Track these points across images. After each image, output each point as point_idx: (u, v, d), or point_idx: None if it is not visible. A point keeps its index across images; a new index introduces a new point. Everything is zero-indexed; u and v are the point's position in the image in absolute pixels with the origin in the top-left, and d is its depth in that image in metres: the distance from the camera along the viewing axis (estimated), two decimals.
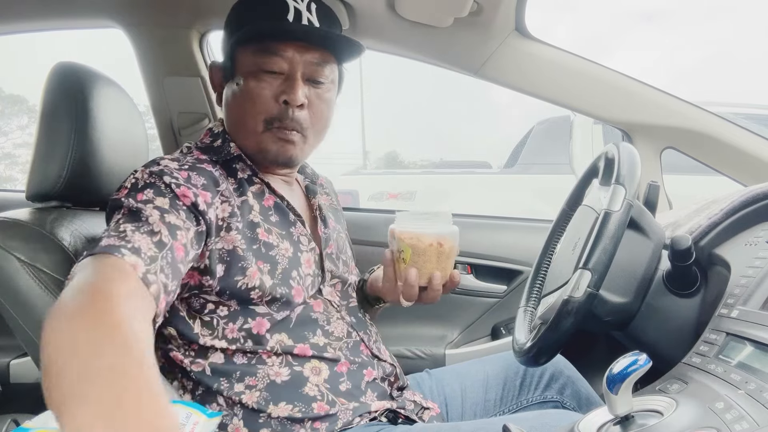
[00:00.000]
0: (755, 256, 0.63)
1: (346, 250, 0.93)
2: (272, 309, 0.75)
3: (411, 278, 0.76)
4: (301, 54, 0.77)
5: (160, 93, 1.32)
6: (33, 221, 0.75)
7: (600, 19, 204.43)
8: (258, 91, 0.77)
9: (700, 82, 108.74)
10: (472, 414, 0.89)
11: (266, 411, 0.72)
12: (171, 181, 0.69)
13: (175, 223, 0.65)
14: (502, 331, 1.36)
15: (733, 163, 1.21)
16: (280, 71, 0.77)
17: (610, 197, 0.65)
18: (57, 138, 0.80)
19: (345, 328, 0.81)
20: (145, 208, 0.65)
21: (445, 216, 0.79)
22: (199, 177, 0.72)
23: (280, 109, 0.77)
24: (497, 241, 1.40)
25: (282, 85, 0.77)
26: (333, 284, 0.85)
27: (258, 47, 0.77)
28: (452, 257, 0.79)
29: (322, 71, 0.80)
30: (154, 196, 0.67)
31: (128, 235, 0.60)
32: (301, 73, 0.78)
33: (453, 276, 0.80)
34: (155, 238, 0.62)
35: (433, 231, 0.77)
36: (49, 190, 0.80)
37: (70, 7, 1.22)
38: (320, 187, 0.99)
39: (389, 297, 0.87)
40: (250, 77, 0.78)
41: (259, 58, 0.77)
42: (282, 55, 0.77)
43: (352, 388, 0.77)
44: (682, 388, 0.53)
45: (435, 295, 0.79)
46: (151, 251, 0.60)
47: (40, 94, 0.82)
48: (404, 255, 0.78)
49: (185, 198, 0.68)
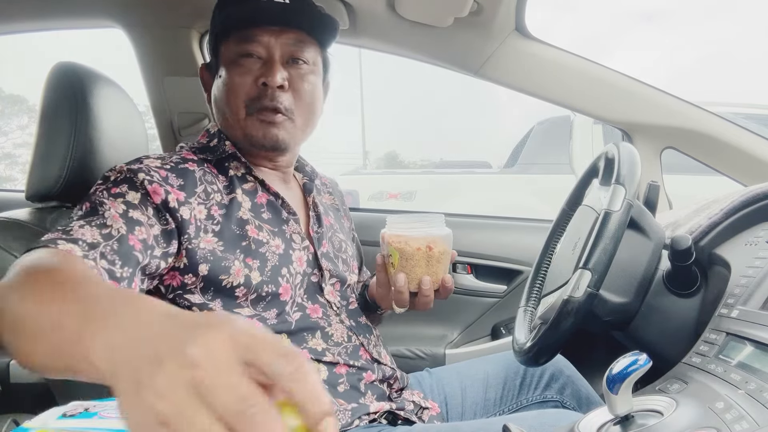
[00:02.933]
0: (755, 256, 0.63)
1: (346, 250, 0.92)
2: (258, 309, 0.74)
3: (399, 283, 0.75)
4: (276, 37, 0.78)
5: (160, 93, 1.32)
6: (33, 221, 0.75)
7: (599, 19, 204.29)
8: (238, 78, 0.78)
9: (699, 81, 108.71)
10: (472, 413, 0.89)
11: None
12: (145, 178, 0.69)
13: (138, 219, 0.66)
14: (502, 330, 1.36)
15: (733, 163, 1.21)
16: (258, 56, 0.78)
17: (610, 197, 0.65)
18: (57, 138, 0.80)
19: (344, 333, 0.81)
20: (110, 203, 0.66)
21: (437, 218, 0.77)
22: (177, 178, 0.73)
23: (259, 91, 0.78)
24: (497, 241, 1.40)
25: (261, 69, 0.78)
26: (332, 283, 0.84)
27: (235, 36, 0.79)
28: (444, 262, 0.77)
29: (300, 52, 0.80)
30: (127, 190, 0.68)
31: (73, 230, 0.61)
32: (279, 55, 0.79)
33: (445, 281, 0.77)
34: (104, 231, 0.62)
35: (422, 234, 0.74)
36: (49, 190, 0.80)
37: (70, 7, 1.22)
38: (323, 187, 0.99)
39: (383, 303, 0.87)
40: (230, 66, 0.79)
41: (237, 46, 0.78)
42: (258, 40, 0.78)
43: (350, 389, 0.76)
44: (682, 388, 0.53)
45: (427, 300, 0.77)
46: (94, 239, 0.60)
47: (40, 94, 0.82)
48: (392, 259, 0.76)
49: (155, 195, 0.69)
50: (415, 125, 38.56)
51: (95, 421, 0.48)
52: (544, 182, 3.30)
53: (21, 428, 0.47)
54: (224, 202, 0.76)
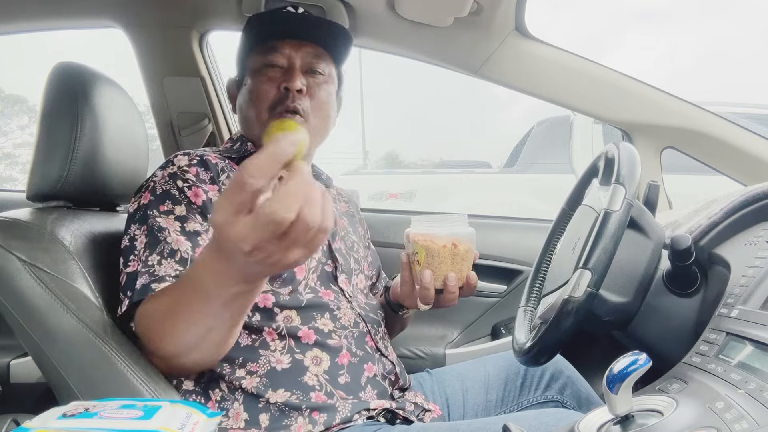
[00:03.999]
0: (755, 255, 0.63)
1: (357, 251, 0.95)
2: (275, 286, 0.78)
3: (426, 280, 0.77)
4: (296, 50, 0.87)
5: (160, 93, 1.32)
6: (34, 221, 0.75)
7: (599, 19, 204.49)
8: (262, 85, 0.86)
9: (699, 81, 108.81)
10: (474, 415, 0.89)
11: (265, 396, 0.73)
12: (183, 185, 0.77)
13: (195, 229, 0.75)
14: (502, 330, 1.36)
15: (733, 163, 1.21)
16: (281, 65, 0.87)
17: (610, 197, 0.65)
18: (57, 138, 0.80)
19: (353, 318, 0.83)
20: (166, 223, 0.74)
21: (460, 218, 0.79)
22: (205, 171, 0.80)
23: (281, 95, 0.85)
24: (497, 241, 1.40)
25: (282, 76, 0.86)
26: (344, 278, 0.87)
27: (260, 48, 0.88)
28: (468, 259, 0.79)
29: (318, 64, 0.89)
30: (172, 205, 0.76)
31: (154, 267, 0.71)
32: (299, 65, 0.87)
33: (469, 278, 0.80)
34: (177, 258, 0.72)
35: (447, 232, 0.77)
36: (50, 190, 0.80)
37: (70, 7, 1.23)
38: (339, 196, 1.04)
39: (407, 302, 0.90)
40: (255, 75, 0.88)
41: (262, 56, 0.87)
42: (281, 52, 0.87)
43: (351, 382, 0.77)
44: (682, 387, 0.53)
45: (452, 297, 0.80)
46: (175, 271, 0.71)
47: (40, 94, 0.82)
48: (418, 257, 0.78)
49: (197, 198, 0.77)
50: (415, 125, 38.56)
51: (95, 421, 0.48)
52: (544, 182, 3.30)
53: (21, 428, 0.47)
54: None
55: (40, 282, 0.70)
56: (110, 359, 0.67)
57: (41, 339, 0.69)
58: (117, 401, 0.53)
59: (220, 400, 0.74)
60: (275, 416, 0.72)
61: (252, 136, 0.90)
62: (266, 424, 0.72)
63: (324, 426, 0.73)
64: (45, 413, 0.50)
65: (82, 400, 0.60)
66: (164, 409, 0.52)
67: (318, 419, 0.73)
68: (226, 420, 0.73)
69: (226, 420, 0.73)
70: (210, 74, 1.35)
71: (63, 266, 0.72)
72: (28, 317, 0.70)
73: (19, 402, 1.25)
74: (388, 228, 1.38)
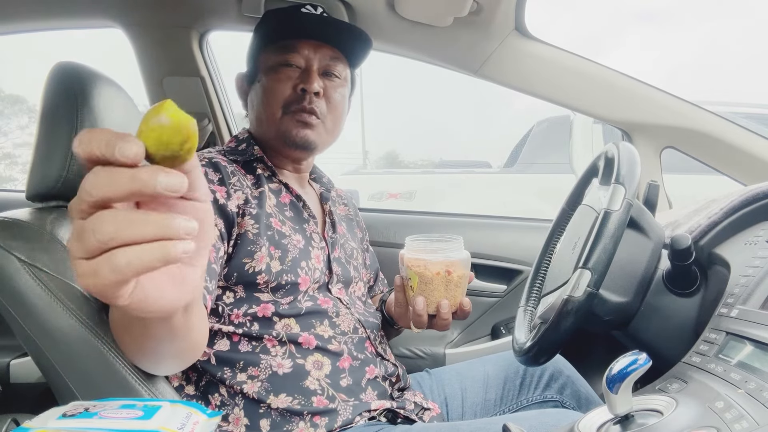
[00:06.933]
0: (755, 255, 0.63)
1: (356, 258, 0.95)
2: (277, 296, 0.77)
3: (418, 307, 0.77)
4: (315, 51, 0.86)
5: (160, 93, 1.32)
6: (33, 221, 0.75)
7: (598, 18, 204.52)
8: (278, 83, 0.85)
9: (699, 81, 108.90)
10: (473, 414, 0.89)
11: (266, 401, 0.73)
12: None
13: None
14: (502, 330, 1.36)
15: (733, 163, 1.21)
16: (298, 65, 0.86)
17: (610, 197, 0.65)
18: (57, 138, 0.80)
19: (352, 324, 0.83)
20: None
21: (455, 242, 0.78)
22: (214, 172, 0.78)
23: (297, 96, 0.84)
24: (497, 240, 1.40)
25: (300, 77, 0.85)
26: (339, 288, 0.87)
27: (277, 46, 0.86)
28: (462, 285, 0.78)
29: (335, 66, 0.88)
30: None
31: None
32: (317, 67, 0.86)
33: (463, 305, 0.80)
34: None
35: (441, 259, 0.76)
36: (50, 189, 0.80)
37: (70, 7, 1.22)
38: (339, 198, 1.04)
39: (401, 322, 0.90)
40: (270, 73, 0.86)
41: (279, 55, 0.86)
42: (299, 51, 0.86)
43: (352, 384, 0.77)
44: (682, 387, 0.53)
45: (444, 323, 0.79)
46: None
47: (40, 94, 0.82)
48: (412, 283, 0.77)
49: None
50: (414, 125, 38.57)
51: (95, 421, 0.48)
52: (543, 182, 3.30)
53: (21, 428, 0.47)
54: (255, 194, 0.81)
55: (40, 282, 0.70)
56: (110, 359, 0.67)
57: (41, 339, 0.69)
58: (117, 401, 0.53)
59: (220, 405, 0.74)
60: (276, 421, 0.72)
61: (261, 133, 0.89)
62: (267, 429, 0.72)
63: (326, 429, 0.72)
64: (45, 413, 0.50)
65: (82, 399, 0.60)
66: (164, 409, 0.52)
67: (319, 423, 0.73)
68: (225, 425, 0.72)
69: (225, 425, 0.72)
70: (210, 74, 1.35)
71: (63, 266, 0.72)
72: (28, 317, 0.70)
73: (19, 402, 1.25)
74: (388, 228, 1.38)
